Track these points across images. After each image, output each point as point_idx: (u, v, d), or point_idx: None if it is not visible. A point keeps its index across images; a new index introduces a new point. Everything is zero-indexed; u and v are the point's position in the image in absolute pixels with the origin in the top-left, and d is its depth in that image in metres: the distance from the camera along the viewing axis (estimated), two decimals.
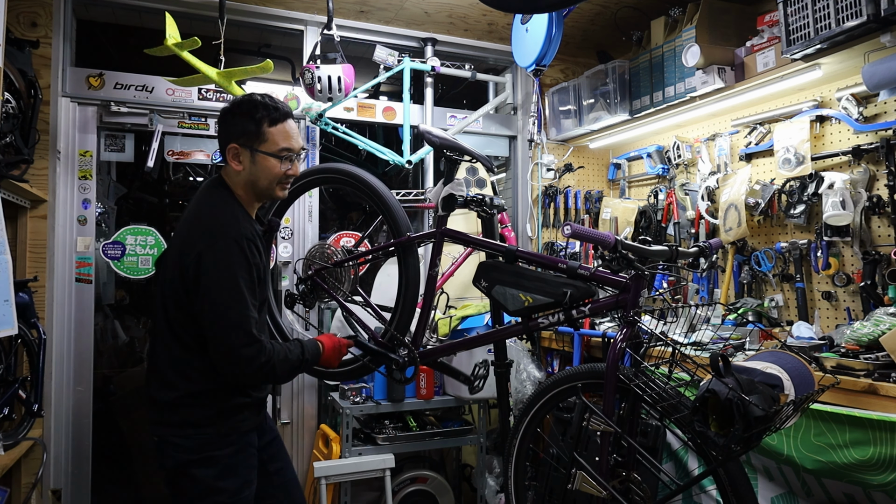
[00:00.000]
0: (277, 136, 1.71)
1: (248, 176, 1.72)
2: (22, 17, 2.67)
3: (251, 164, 1.71)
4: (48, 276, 2.69)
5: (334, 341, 1.88)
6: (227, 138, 1.72)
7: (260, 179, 1.73)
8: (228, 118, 1.73)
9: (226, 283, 1.59)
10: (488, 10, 3.12)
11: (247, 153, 1.70)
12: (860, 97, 2.34)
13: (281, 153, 1.71)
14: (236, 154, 1.71)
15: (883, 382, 1.78)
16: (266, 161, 1.71)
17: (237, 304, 1.59)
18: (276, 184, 1.75)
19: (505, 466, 2.16)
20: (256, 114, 1.69)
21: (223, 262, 1.59)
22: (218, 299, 1.59)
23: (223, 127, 1.74)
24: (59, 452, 2.72)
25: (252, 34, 3.44)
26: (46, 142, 2.67)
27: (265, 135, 1.70)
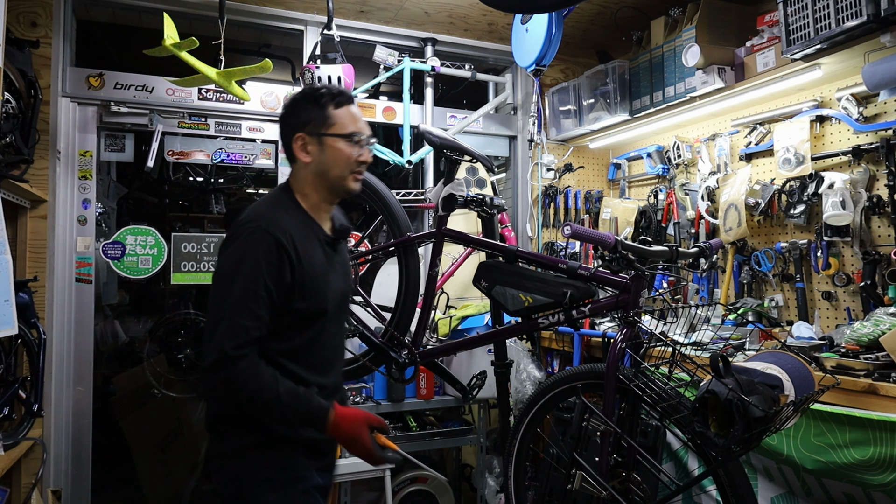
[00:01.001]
0: (345, 119, 1.56)
1: (318, 166, 1.56)
2: (22, 17, 2.67)
3: (320, 153, 1.55)
4: (48, 276, 2.69)
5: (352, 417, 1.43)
6: (292, 130, 1.57)
7: (331, 168, 1.56)
8: (291, 110, 1.59)
9: (226, 275, 1.42)
10: (488, 10, 3.12)
11: (314, 141, 1.55)
12: (860, 97, 2.34)
13: (351, 136, 1.56)
14: (303, 144, 1.55)
15: (883, 382, 1.78)
16: (336, 146, 1.55)
17: (229, 303, 1.38)
18: (349, 172, 1.58)
19: (505, 466, 2.16)
20: (321, 99, 1.56)
21: (240, 251, 1.42)
22: (214, 289, 1.43)
23: (286, 121, 1.59)
24: (59, 452, 2.72)
25: (252, 34, 3.44)
26: (46, 142, 2.67)
27: (332, 118, 1.55)
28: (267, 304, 1.40)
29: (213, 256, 3.05)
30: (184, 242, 3.01)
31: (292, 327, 1.47)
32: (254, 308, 1.38)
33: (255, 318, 1.38)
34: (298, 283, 1.45)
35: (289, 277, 1.43)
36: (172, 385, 4.08)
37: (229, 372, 1.35)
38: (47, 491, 2.63)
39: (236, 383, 1.35)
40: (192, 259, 3.01)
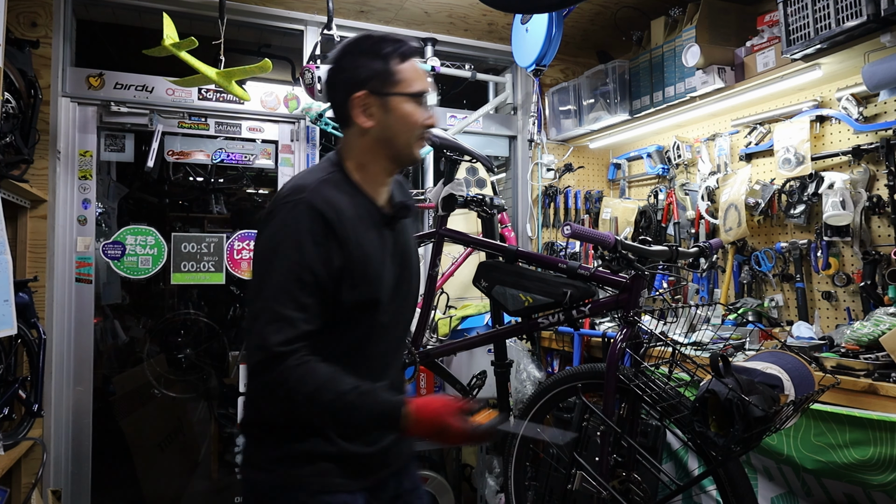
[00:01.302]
0: (412, 75, 1.32)
1: (382, 132, 1.31)
2: (22, 17, 2.67)
3: (384, 115, 1.30)
4: (48, 276, 2.69)
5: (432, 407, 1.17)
6: (349, 87, 1.30)
7: (399, 133, 1.32)
8: (347, 61, 1.32)
9: (265, 259, 1.21)
10: (488, 10, 3.12)
11: (377, 101, 1.29)
12: (860, 97, 2.34)
13: (420, 95, 1.32)
14: (365, 105, 1.29)
15: (883, 382, 1.78)
16: (404, 106, 1.30)
17: (269, 290, 1.18)
18: (417, 138, 1.35)
19: (505, 466, 2.16)
20: (383, 49, 1.30)
21: (279, 229, 1.21)
22: (253, 276, 1.24)
23: (341, 75, 1.32)
24: (59, 452, 2.72)
25: (252, 34, 3.44)
26: (46, 142, 2.67)
27: (398, 74, 1.30)
28: (314, 290, 1.19)
29: (214, 256, 3.05)
30: (184, 242, 3.01)
31: (340, 323, 1.26)
32: (298, 295, 1.17)
33: (301, 307, 1.17)
34: (347, 269, 1.22)
35: (337, 261, 1.21)
36: (172, 385, 4.09)
37: (279, 372, 1.14)
38: (47, 491, 2.63)
39: (288, 384, 1.15)
40: (192, 259, 3.01)
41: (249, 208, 5.00)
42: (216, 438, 3.83)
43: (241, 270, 3.09)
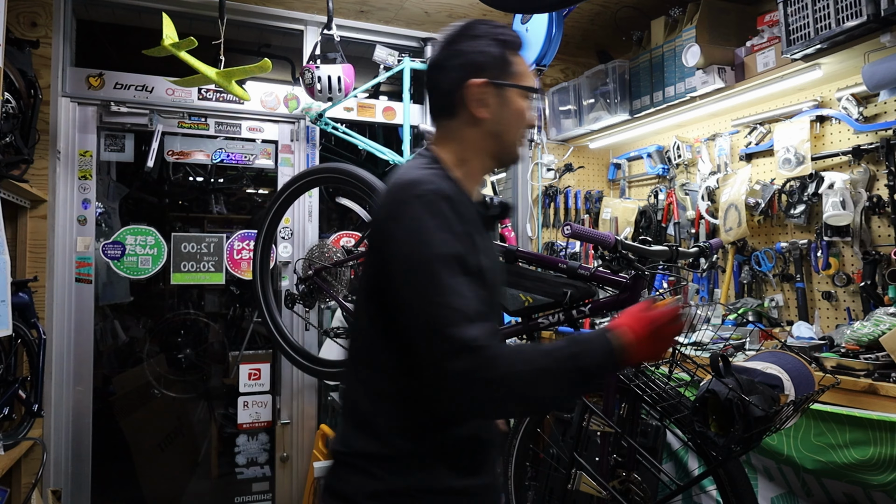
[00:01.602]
0: (525, 69, 1.21)
1: (494, 125, 1.19)
2: (22, 17, 2.67)
3: (500, 107, 1.18)
4: (48, 276, 2.69)
5: (638, 317, 1.09)
6: (466, 72, 1.17)
7: (510, 129, 1.20)
8: (466, 43, 1.19)
9: (417, 261, 1.03)
10: (488, 10, 3.11)
11: (494, 92, 1.17)
12: (860, 97, 2.34)
13: (533, 92, 1.23)
14: (482, 94, 1.16)
15: (883, 382, 1.78)
16: (519, 100, 1.20)
17: (433, 290, 1.01)
18: (522, 137, 1.24)
19: (505, 466, 2.16)
20: (500, 36, 1.20)
21: (412, 231, 1.04)
22: (407, 289, 1.04)
23: (457, 59, 1.18)
24: (59, 452, 2.72)
25: (252, 34, 3.44)
26: (46, 142, 2.67)
27: (514, 65, 1.20)
28: (476, 279, 1.05)
29: (213, 256, 3.04)
30: (184, 242, 3.01)
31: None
32: (468, 288, 1.03)
33: (476, 298, 1.03)
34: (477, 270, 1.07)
35: (473, 261, 1.06)
36: (172, 385, 4.09)
37: (486, 367, 0.98)
38: (47, 491, 2.63)
39: (500, 372, 0.98)
40: (192, 259, 3.01)
41: (249, 208, 5.01)
42: (216, 438, 3.83)
43: (240, 270, 3.09)
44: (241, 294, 4.62)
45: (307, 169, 2.71)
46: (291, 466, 3.11)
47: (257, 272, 2.71)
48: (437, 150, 1.21)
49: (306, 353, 2.61)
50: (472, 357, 0.97)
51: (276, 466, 3.12)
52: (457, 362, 0.97)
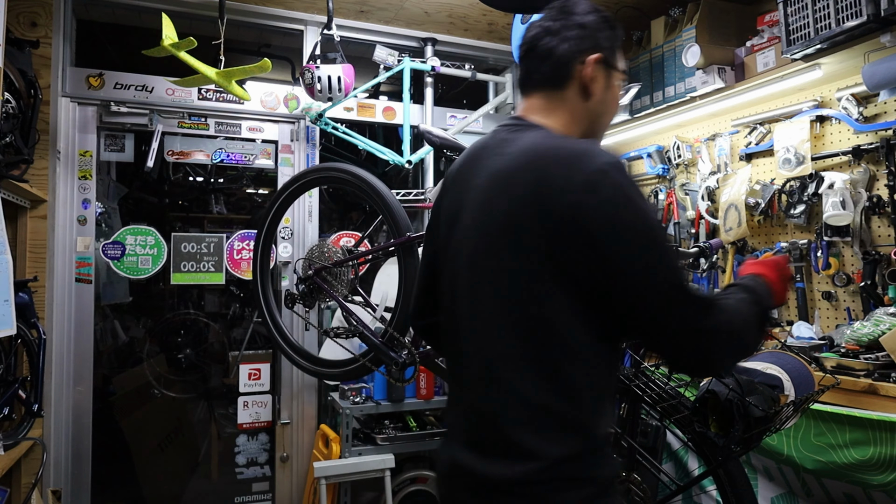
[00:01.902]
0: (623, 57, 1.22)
1: (598, 106, 1.16)
2: (22, 17, 2.67)
3: (605, 90, 1.16)
4: (48, 276, 2.69)
5: (773, 265, 1.24)
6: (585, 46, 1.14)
7: (608, 112, 1.19)
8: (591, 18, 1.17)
9: (642, 229, 0.98)
10: (488, 10, 3.12)
11: (604, 73, 1.16)
12: (860, 97, 2.34)
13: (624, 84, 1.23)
14: (595, 72, 1.14)
15: (883, 382, 1.78)
16: (617, 87, 1.20)
17: (666, 256, 0.99)
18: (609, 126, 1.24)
19: None
20: (611, 18, 1.20)
21: (624, 202, 0.98)
22: (643, 259, 0.98)
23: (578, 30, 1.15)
24: (59, 452, 2.72)
25: (252, 34, 3.44)
26: (46, 142, 2.67)
27: (619, 51, 1.20)
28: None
29: (213, 256, 3.05)
30: (184, 242, 3.01)
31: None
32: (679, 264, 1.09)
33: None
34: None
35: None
36: (172, 385, 4.09)
37: (721, 315, 1.02)
38: (47, 491, 2.63)
39: (734, 330, 1.03)
40: (192, 259, 3.01)
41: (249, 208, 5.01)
42: (216, 438, 3.83)
43: (240, 270, 3.09)
44: (241, 294, 4.62)
45: (307, 169, 2.71)
46: (291, 466, 3.11)
47: (257, 272, 2.71)
48: (543, 121, 1.14)
49: (306, 353, 2.61)
50: (715, 313, 1.01)
51: (276, 466, 3.12)
52: (708, 320, 1.00)
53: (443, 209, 1.22)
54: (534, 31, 1.20)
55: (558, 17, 1.17)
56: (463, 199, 1.14)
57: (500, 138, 1.15)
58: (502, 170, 1.07)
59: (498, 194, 1.06)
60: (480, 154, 1.17)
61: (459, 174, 1.20)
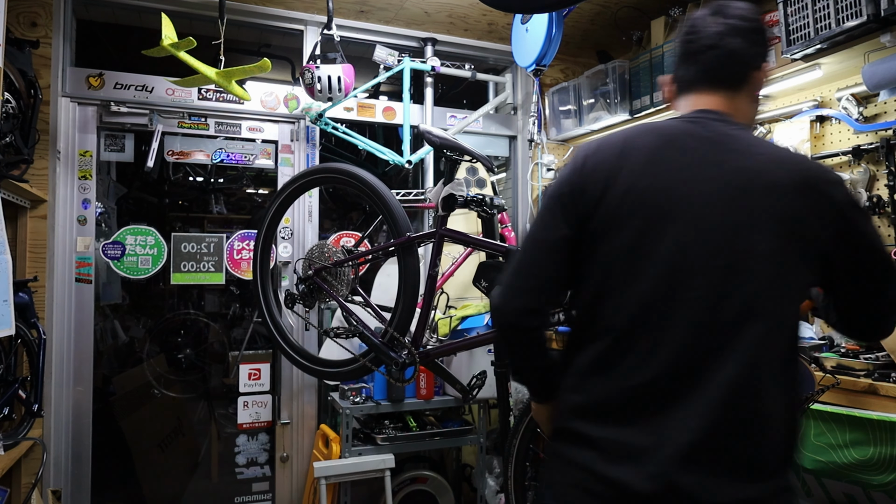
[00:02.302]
0: None
1: (755, 114, 1.29)
2: (22, 17, 2.67)
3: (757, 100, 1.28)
4: (48, 276, 2.69)
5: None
6: (765, 53, 1.25)
7: (755, 122, 1.34)
8: (762, 30, 1.25)
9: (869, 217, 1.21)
10: (488, 10, 3.12)
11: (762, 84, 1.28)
12: (860, 97, 2.34)
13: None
14: (763, 81, 1.26)
15: (883, 382, 1.78)
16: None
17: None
18: None
19: (505, 466, 2.16)
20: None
21: (857, 201, 1.18)
22: (880, 247, 1.15)
23: (762, 35, 1.24)
24: (59, 452, 2.72)
25: (252, 34, 3.45)
26: (46, 142, 2.67)
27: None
28: None
29: (213, 256, 3.05)
30: (184, 242, 3.01)
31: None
32: None
33: None
34: None
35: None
36: (172, 385, 4.09)
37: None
38: (47, 491, 2.63)
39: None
40: (192, 259, 3.01)
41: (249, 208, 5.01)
42: (216, 438, 3.83)
43: (240, 270, 3.09)
44: (241, 294, 4.62)
45: (307, 169, 2.71)
46: (291, 466, 3.11)
47: (257, 272, 2.71)
48: (737, 120, 1.21)
49: (306, 353, 2.61)
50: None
51: (276, 466, 3.12)
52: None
53: (631, 191, 1.13)
54: (717, 28, 1.21)
55: (745, 18, 1.21)
56: (677, 188, 1.12)
57: (718, 131, 1.17)
58: (757, 169, 1.12)
59: (763, 193, 1.10)
60: (686, 143, 1.16)
61: (656, 159, 1.15)
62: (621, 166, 1.15)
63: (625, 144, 1.17)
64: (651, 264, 1.10)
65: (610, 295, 1.13)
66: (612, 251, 1.13)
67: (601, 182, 1.15)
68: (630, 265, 1.11)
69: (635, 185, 1.13)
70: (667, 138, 1.17)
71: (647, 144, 1.16)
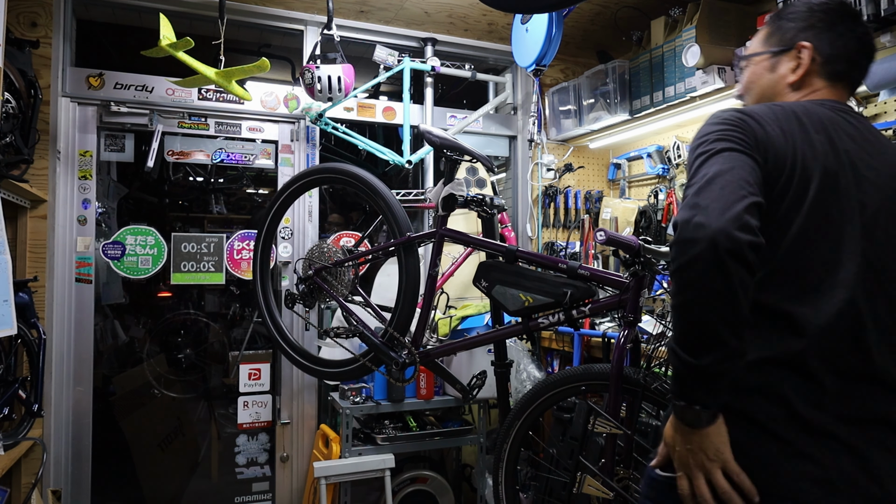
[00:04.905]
0: None
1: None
2: (22, 17, 2.67)
3: None
4: (48, 276, 2.69)
5: None
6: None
7: None
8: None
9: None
10: (488, 10, 3.12)
11: None
12: (860, 97, 2.34)
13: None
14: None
15: None
16: None
17: None
18: None
19: (495, 471, 2.15)
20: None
21: None
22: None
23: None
24: (59, 452, 2.72)
25: (252, 34, 3.44)
26: (46, 142, 2.67)
27: None
28: None
29: (213, 256, 3.05)
30: (184, 242, 3.01)
31: None
32: None
33: None
34: None
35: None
36: (172, 385, 4.09)
37: None
38: (47, 491, 2.63)
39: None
40: (192, 259, 3.01)
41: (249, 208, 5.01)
42: (216, 438, 3.83)
43: (240, 270, 3.09)
44: (241, 294, 4.62)
45: (307, 169, 2.71)
46: (291, 466, 3.11)
47: (257, 272, 2.71)
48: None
49: (306, 353, 2.61)
50: None
51: (276, 466, 3.12)
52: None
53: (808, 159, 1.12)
54: (867, 29, 1.34)
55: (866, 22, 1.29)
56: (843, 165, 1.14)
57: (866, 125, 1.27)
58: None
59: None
60: (846, 130, 1.21)
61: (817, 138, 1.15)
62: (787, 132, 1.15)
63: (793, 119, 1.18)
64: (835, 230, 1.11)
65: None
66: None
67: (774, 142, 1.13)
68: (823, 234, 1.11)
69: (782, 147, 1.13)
70: (822, 125, 1.19)
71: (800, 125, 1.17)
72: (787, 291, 1.07)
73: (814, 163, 1.11)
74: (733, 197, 0.99)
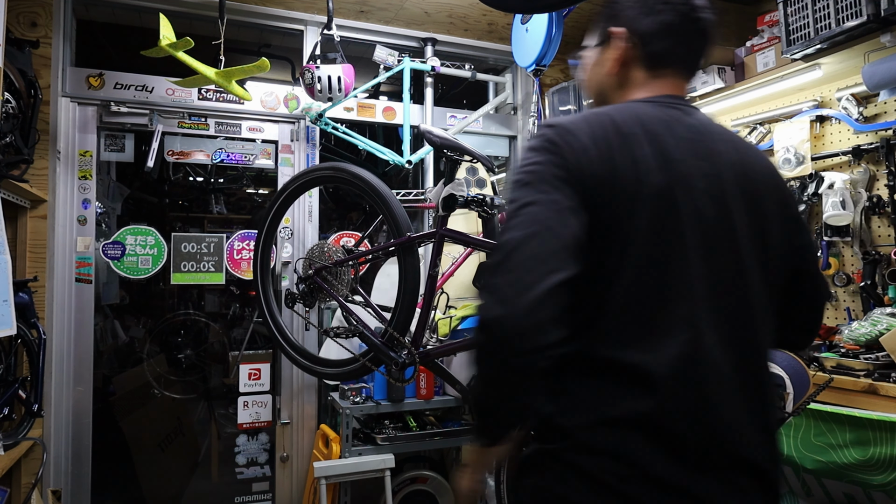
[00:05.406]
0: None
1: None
2: (22, 17, 2.67)
3: None
4: (48, 276, 2.69)
5: None
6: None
7: None
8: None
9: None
10: (488, 10, 3.12)
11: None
12: (860, 97, 2.34)
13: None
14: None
15: (883, 382, 1.78)
16: None
17: None
18: None
19: (497, 470, 2.15)
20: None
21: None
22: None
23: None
24: (59, 452, 2.72)
25: (252, 34, 3.44)
26: (46, 142, 2.67)
27: None
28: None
29: (214, 256, 3.05)
30: (184, 242, 3.01)
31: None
32: None
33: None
34: None
35: None
36: (172, 385, 4.09)
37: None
38: (47, 491, 2.63)
39: None
40: (192, 259, 3.01)
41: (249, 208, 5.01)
42: (216, 438, 3.83)
43: (241, 270, 3.09)
44: (241, 294, 4.63)
45: (307, 169, 2.71)
46: (291, 466, 3.11)
47: (257, 272, 2.71)
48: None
49: (307, 353, 2.61)
50: None
51: (276, 466, 3.12)
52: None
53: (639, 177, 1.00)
54: (708, 14, 1.21)
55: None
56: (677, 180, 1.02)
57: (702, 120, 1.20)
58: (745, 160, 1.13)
59: (758, 181, 1.11)
60: (680, 134, 1.09)
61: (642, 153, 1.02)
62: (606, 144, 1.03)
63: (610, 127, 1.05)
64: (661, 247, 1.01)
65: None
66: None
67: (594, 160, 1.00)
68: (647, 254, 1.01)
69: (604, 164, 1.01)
70: (651, 126, 1.07)
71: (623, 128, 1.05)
72: (625, 338, 0.96)
73: (638, 186, 0.98)
74: (533, 277, 0.89)
